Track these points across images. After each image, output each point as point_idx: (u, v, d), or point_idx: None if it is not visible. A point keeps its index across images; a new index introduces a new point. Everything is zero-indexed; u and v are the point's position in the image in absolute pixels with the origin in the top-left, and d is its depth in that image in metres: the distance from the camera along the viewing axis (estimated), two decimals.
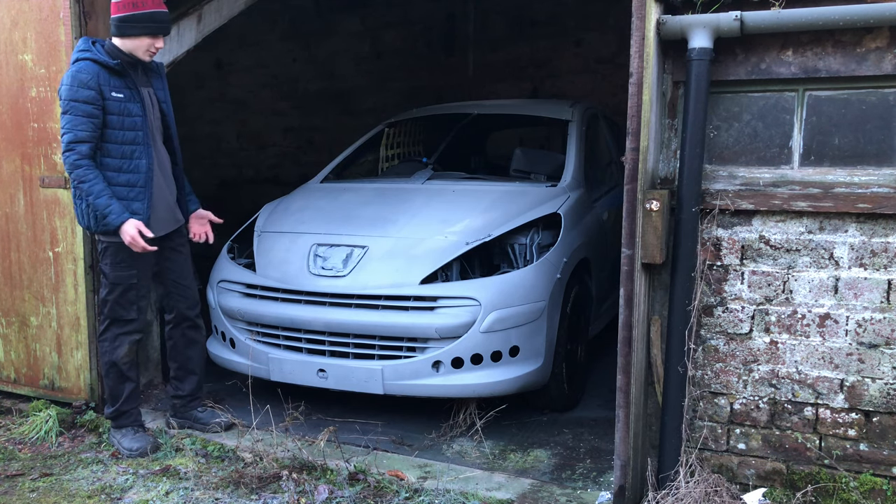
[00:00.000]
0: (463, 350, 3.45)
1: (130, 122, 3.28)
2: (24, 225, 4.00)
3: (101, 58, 3.23)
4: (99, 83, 3.19)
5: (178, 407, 3.76)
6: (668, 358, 2.81)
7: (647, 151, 2.73)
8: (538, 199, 4.01)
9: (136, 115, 3.30)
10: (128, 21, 3.24)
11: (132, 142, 3.29)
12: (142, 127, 3.32)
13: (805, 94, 2.73)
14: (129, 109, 3.28)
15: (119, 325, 3.44)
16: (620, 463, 2.82)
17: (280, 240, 3.99)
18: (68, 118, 3.17)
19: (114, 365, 3.45)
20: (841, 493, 2.70)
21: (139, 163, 3.30)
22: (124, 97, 3.27)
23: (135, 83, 3.33)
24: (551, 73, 7.50)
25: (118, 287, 3.38)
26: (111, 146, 3.25)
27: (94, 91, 3.18)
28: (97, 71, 3.21)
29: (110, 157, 3.26)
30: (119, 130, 3.26)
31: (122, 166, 3.28)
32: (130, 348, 3.46)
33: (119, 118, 3.25)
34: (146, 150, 3.33)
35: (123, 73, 3.28)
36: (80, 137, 3.16)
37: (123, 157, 3.28)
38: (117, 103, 3.24)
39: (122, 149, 3.27)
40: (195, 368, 3.75)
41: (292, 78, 8.66)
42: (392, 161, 5.26)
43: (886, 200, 2.58)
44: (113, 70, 3.24)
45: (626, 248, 2.75)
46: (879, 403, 2.66)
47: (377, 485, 3.09)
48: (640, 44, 2.65)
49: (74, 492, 3.15)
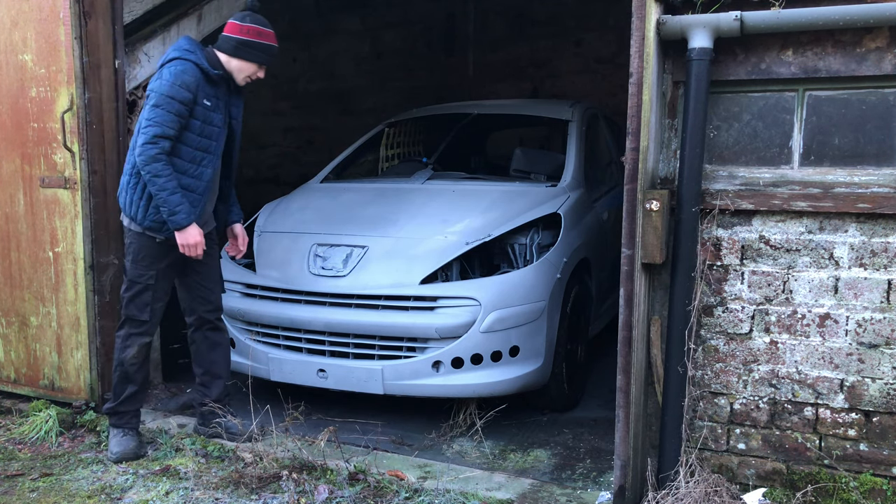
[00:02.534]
0: (463, 350, 3.45)
1: (209, 131, 3.32)
2: (24, 225, 4.00)
3: (204, 65, 3.27)
4: (197, 89, 3.24)
5: (206, 415, 3.63)
6: (668, 358, 2.81)
7: (647, 151, 2.73)
8: (538, 199, 4.01)
9: (216, 126, 3.34)
10: (248, 46, 3.32)
11: (205, 149, 3.32)
12: (217, 137, 3.35)
13: (805, 94, 2.73)
14: (211, 118, 3.32)
15: (132, 325, 3.42)
16: (620, 463, 2.82)
17: (280, 240, 3.99)
18: (160, 112, 3.17)
19: (121, 364, 3.44)
20: (841, 493, 2.70)
21: (205, 171, 3.33)
22: (211, 106, 3.31)
23: (224, 97, 3.39)
24: (551, 73, 7.50)
25: (135, 286, 3.38)
26: (184, 148, 3.27)
27: (192, 95, 3.21)
28: (200, 77, 3.25)
29: (180, 158, 3.27)
30: (197, 136, 3.28)
31: (189, 170, 3.29)
32: (140, 350, 3.43)
33: (201, 125, 3.28)
34: (214, 161, 3.36)
35: (218, 84, 3.34)
36: (167, 133, 3.18)
37: (193, 161, 3.30)
38: (204, 110, 3.28)
39: (193, 153, 3.29)
40: (221, 372, 3.65)
41: (292, 78, 8.66)
42: (392, 161, 5.26)
43: (886, 200, 2.58)
44: (210, 79, 3.30)
45: (626, 248, 2.75)
46: (879, 403, 2.66)
47: (377, 485, 3.09)
48: (640, 44, 2.65)
49: (74, 492, 3.15)
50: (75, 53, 3.73)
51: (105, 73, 3.85)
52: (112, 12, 3.86)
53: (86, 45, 3.75)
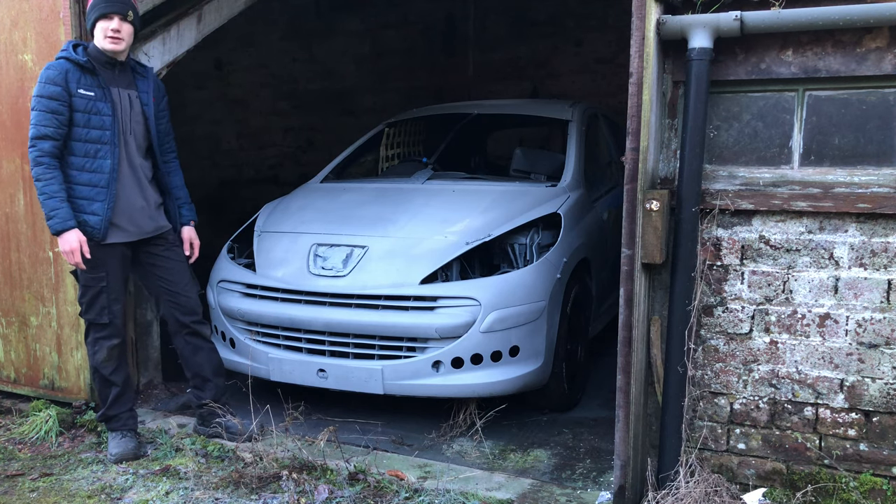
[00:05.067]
0: (463, 350, 3.45)
1: (98, 121, 3.24)
2: (24, 225, 4.00)
3: (73, 56, 3.22)
4: (66, 80, 3.17)
5: (204, 416, 3.64)
6: (668, 358, 2.81)
7: (647, 151, 2.73)
8: (538, 199, 4.01)
9: (105, 115, 3.25)
10: (90, 9, 3.25)
11: (97, 140, 3.24)
12: (110, 127, 3.26)
13: (805, 94, 2.73)
14: (97, 108, 3.24)
15: (95, 330, 3.38)
16: (620, 463, 2.82)
17: (280, 240, 3.99)
18: (34, 114, 3.16)
19: (96, 370, 3.42)
20: (841, 493, 2.70)
21: (103, 163, 3.25)
22: (94, 96, 3.23)
23: (106, 83, 3.28)
24: (551, 73, 7.50)
25: (89, 290, 3.32)
26: (76, 144, 3.22)
27: (61, 87, 3.16)
28: (67, 68, 3.19)
29: (74, 155, 3.23)
30: (84, 128, 3.22)
31: (85, 165, 3.23)
32: (109, 353, 3.38)
33: (85, 116, 3.21)
34: (112, 151, 3.27)
35: (94, 71, 3.25)
36: (43, 133, 3.14)
37: (87, 155, 3.24)
38: (84, 101, 3.21)
39: (86, 147, 3.23)
40: (208, 375, 3.63)
41: (292, 78, 8.66)
42: (392, 161, 5.26)
43: (886, 200, 2.58)
44: (83, 67, 3.22)
45: (626, 248, 2.75)
46: (879, 403, 2.66)
47: (377, 485, 3.09)
48: (640, 44, 2.65)
49: (74, 492, 3.15)
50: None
51: None
52: None
53: None
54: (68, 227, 3.15)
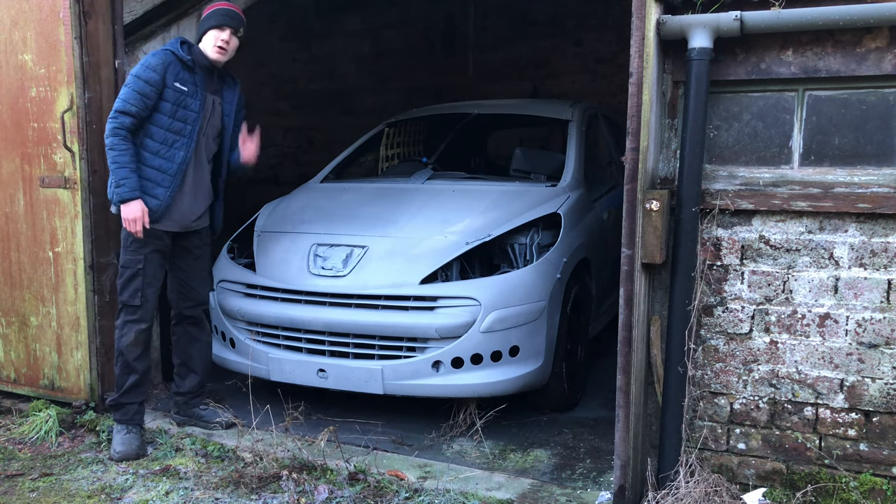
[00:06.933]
0: (463, 350, 3.45)
1: (183, 115, 3.40)
2: (24, 225, 4.00)
3: (178, 51, 3.41)
4: (165, 71, 3.35)
5: (180, 404, 3.79)
6: (668, 358, 2.81)
7: (647, 151, 2.73)
8: (538, 199, 4.01)
9: (192, 111, 3.43)
10: (205, 19, 3.47)
11: (178, 132, 3.41)
12: (193, 122, 3.43)
13: (805, 94, 2.73)
14: (186, 103, 3.41)
15: (127, 312, 3.49)
16: (620, 463, 2.82)
17: (280, 240, 3.99)
18: (125, 90, 3.32)
19: (121, 353, 3.50)
20: (841, 493, 2.70)
21: (177, 153, 3.42)
22: (187, 91, 3.41)
23: (203, 84, 3.46)
24: (551, 73, 7.51)
25: (126, 271, 3.46)
26: (157, 130, 3.38)
27: (158, 75, 3.33)
28: (170, 60, 3.38)
29: (153, 139, 3.38)
30: (169, 118, 3.38)
31: (160, 151, 3.39)
32: (137, 338, 3.48)
33: (173, 107, 3.37)
34: (188, 145, 3.43)
35: (194, 70, 3.43)
36: (127, 110, 3.30)
37: (164, 143, 3.40)
38: (177, 94, 3.37)
39: (165, 135, 3.39)
40: (196, 367, 3.77)
41: (292, 78, 8.66)
42: (392, 161, 5.26)
43: (886, 200, 2.58)
44: (185, 64, 3.41)
45: (626, 248, 2.75)
46: (879, 403, 2.66)
47: (377, 485, 3.09)
48: (640, 44, 2.65)
49: (74, 492, 3.15)
50: (75, 53, 3.73)
51: (105, 73, 3.86)
52: (112, 12, 3.86)
53: (86, 44, 3.76)
54: (135, 197, 3.32)
